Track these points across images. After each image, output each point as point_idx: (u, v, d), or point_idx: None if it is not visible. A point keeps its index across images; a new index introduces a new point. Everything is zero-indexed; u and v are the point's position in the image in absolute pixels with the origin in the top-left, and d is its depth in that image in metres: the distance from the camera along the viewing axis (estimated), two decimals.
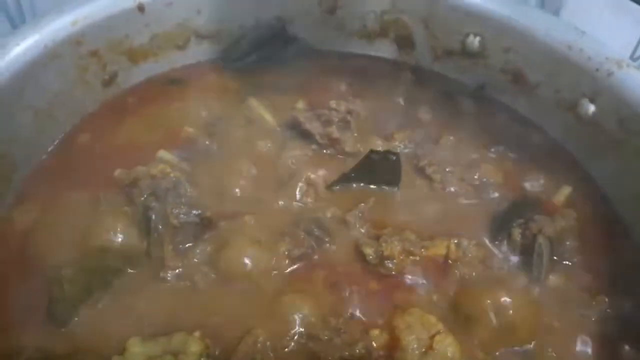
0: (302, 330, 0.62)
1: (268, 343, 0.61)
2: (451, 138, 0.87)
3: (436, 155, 0.84)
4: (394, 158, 0.78)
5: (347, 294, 0.67)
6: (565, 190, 0.81)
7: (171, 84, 0.94)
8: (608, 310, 0.68)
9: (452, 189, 0.80)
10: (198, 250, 0.68)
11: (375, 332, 0.63)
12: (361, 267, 0.70)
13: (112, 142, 0.83)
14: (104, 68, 0.87)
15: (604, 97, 0.81)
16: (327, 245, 0.72)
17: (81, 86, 0.84)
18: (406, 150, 0.85)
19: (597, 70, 0.81)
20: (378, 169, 0.78)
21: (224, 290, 0.66)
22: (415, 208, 0.78)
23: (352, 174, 0.78)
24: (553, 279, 0.70)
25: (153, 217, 0.68)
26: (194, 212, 0.70)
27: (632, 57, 0.97)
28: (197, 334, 0.60)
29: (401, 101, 0.95)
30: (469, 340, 0.63)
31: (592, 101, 0.83)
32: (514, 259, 0.72)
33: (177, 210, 0.69)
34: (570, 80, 0.85)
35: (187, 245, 0.68)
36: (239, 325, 0.63)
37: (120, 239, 0.68)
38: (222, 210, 0.73)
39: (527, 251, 0.72)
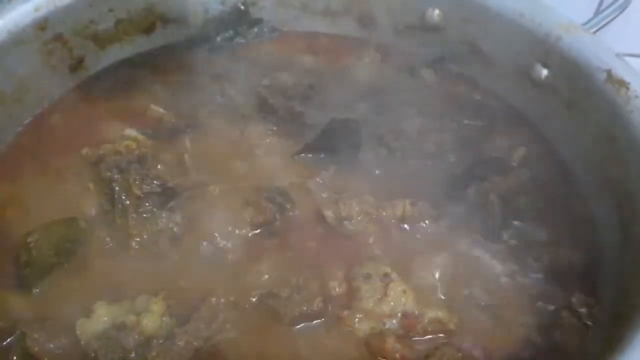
0: (264, 290, 0.65)
1: (231, 300, 0.63)
2: (411, 108, 0.90)
3: (396, 124, 0.86)
4: (355, 125, 0.80)
5: (307, 254, 0.69)
6: (520, 152, 0.83)
7: (138, 67, 0.96)
8: (559, 261, 0.71)
9: (411, 156, 0.82)
10: (162, 219, 0.71)
11: (334, 283, 0.65)
12: (321, 229, 0.73)
13: (81, 123, 0.85)
14: (70, 53, 0.88)
15: (554, 61, 0.84)
16: (289, 211, 0.74)
17: (48, 71, 0.86)
18: (368, 120, 0.88)
19: (547, 35, 0.84)
20: (339, 137, 0.80)
21: (188, 256, 0.68)
22: (374, 174, 0.80)
23: (314, 143, 0.81)
24: (506, 235, 0.73)
25: (117, 188, 0.71)
26: (156, 182, 0.72)
27: (598, 11, 0.98)
28: (160, 296, 0.62)
29: (363, 75, 0.97)
30: (422, 287, 0.66)
31: (544, 66, 0.86)
32: (469, 217, 0.75)
33: (139, 182, 0.71)
34: (524, 47, 0.88)
35: (151, 214, 0.71)
36: (202, 288, 0.65)
37: (86, 210, 0.70)
38: (187, 181, 0.75)
39: (481, 209, 0.75)
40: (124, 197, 0.71)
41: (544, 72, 0.86)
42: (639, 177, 0.68)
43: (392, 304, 0.63)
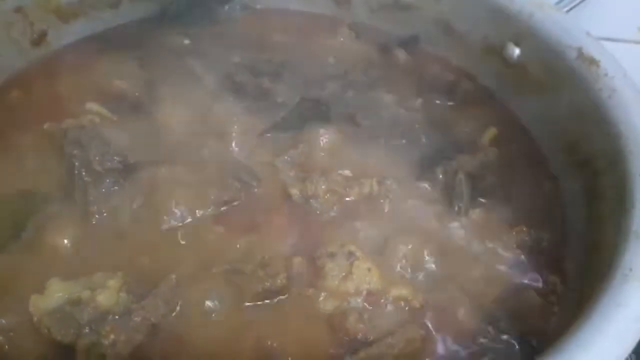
0: (228, 266, 0.64)
1: (192, 277, 0.62)
2: (384, 88, 0.88)
3: (367, 103, 0.85)
4: (324, 107, 0.79)
5: (272, 232, 0.68)
6: (491, 132, 0.83)
7: (104, 42, 0.94)
8: (526, 239, 0.70)
9: (381, 135, 0.81)
10: (123, 196, 0.69)
11: (298, 259, 0.64)
12: (288, 207, 0.71)
13: (43, 98, 0.82)
14: (31, 26, 0.86)
15: (526, 39, 0.84)
16: (255, 189, 0.73)
17: (8, 44, 0.84)
18: (339, 99, 0.86)
19: (519, 12, 0.83)
20: (307, 116, 0.79)
21: (148, 234, 0.66)
22: (343, 153, 0.79)
23: (283, 122, 0.79)
24: (474, 213, 0.72)
25: (76, 163, 0.68)
26: (117, 158, 0.70)
27: None
28: (119, 274, 0.61)
29: (337, 54, 0.96)
30: (387, 264, 0.65)
31: (516, 44, 0.85)
32: (437, 195, 0.74)
33: (100, 157, 0.69)
34: (496, 26, 0.87)
35: (111, 190, 0.69)
36: (163, 265, 0.63)
37: (44, 185, 0.69)
38: (151, 158, 0.74)
39: (449, 188, 0.74)
40: (84, 173, 0.69)
41: (516, 51, 0.85)
42: (606, 154, 0.68)
43: (356, 282, 0.62)
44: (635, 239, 0.54)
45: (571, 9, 0.90)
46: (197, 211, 0.69)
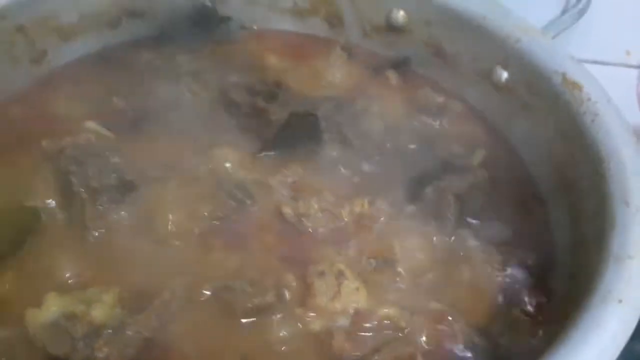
0: (219, 283, 0.65)
1: (185, 293, 0.63)
2: (375, 109, 0.91)
3: (359, 124, 0.87)
4: (313, 119, 0.81)
5: (264, 249, 0.70)
6: (479, 154, 0.85)
7: (104, 62, 0.96)
8: (513, 259, 0.72)
9: (372, 155, 0.83)
10: (120, 212, 0.70)
11: (288, 276, 0.66)
12: (280, 226, 0.73)
13: (42, 116, 0.84)
14: (32, 45, 0.88)
15: (514, 63, 0.86)
16: (249, 207, 0.74)
17: (9, 62, 0.85)
18: (332, 119, 0.88)
19: (507, 37, 0.86)
20: (298, 132, 0.81)
21: (144, 250, 0.68)
22: (335, 172, 0.80)
23: (274, 139, 0.81)
24: (462, 234, 0.74)
25: (74, 180, 0.70)
26: (114, 175, 0.71)
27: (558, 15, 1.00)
28: (114, 289, 0.62)
29: (330, 75, 0.98)
30: (375, 284, 0.67)
31: (504, 68, 0.88)
32: (425, 216, 0.76)
33: (97, 175, 0.70)
34: (485, 50, 0.90)
35: (109, 207, 0.70)
36: (157, 281, 0.64)
37: (42, 202, 0.70)
38: (146, 175, 0.75)
39: (438, 209, 0.76)
40: (81, 189, 0.70)
41: (504, 74, 0.88)
42: (589, 177, 0.70)
43: (344, 301, 0.63)
44: (615, 261, 0.56)
45: (559, 33, 0.92)
46: (191, 228, 0.70)
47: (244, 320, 0.63)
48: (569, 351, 0.49)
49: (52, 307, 0.59)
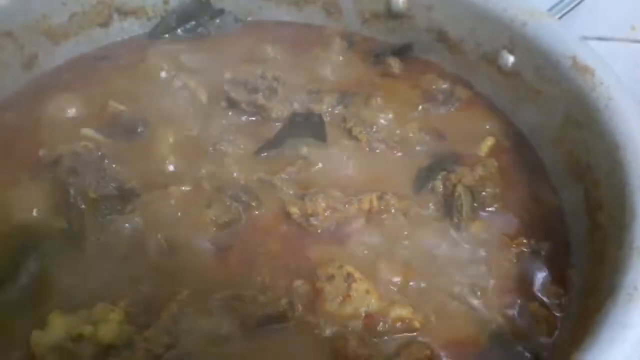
0: (229, 292, 0.63)
1: (192, 307, 0.61)
2: (379, 99, 0.88)
3: (363, 116, 0.85)
4: (317, 119, 0.78)
5: (273, 253, 0.68)
6: (489, 142, 0.82)
7: (97, 62, 0.93)
8: (527, 250, 0.70)
9: (378, 148, 0.81)
10: (121, 222, 0.68)
11: (298, 282, 0.64)
12: (287, 227, 0.71)
13: (36, 122, 0.81)
14: (21, 49, 0.85)
15: (520, 47, 0.83)
16: (255, 209, 0.72)
17: None
18: (335, 112, 0.86)
19: (512, 21, 0.83)
20: (302, 131, 0.78)
21: (149, 260, 0.66)
22: (341, 168, 0.78)
23: (278, 139, 0.79)
24: (474, 226, 0.72)
25: (71, 191, 0.68)
26: (113, 184, 0.69)
27: None
28: (121, 304, 0.60)
29: (331, 66, 0.95)
30: (387, 284, 0.65)
31: (510, 52, 0.85)
32: (437, 209, 0.74)
33: (95, 184, 0.68)
34: (489, 34, 0.87)
35: (109, 217, 0.68)
36: (164, 292, 0.63)
37: (40, 216, 0.68)
38: (147, 182, 0.73)
39: (448, 201, 0.73)
40: (79, 200, 0.68)
41: (511, 58, 0.85)
42: (604, 165, 0.68)
43: (355, 304, 0.61)
44: (638, 255, 0.53)
45: (565, 13, 0.89)
46: (196, 235, 0.68)
47: (257, 330, 0.61)
48: (595, 355, 0.47)
49: (57, 328, 0.57)
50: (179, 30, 0.99)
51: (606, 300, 0.51)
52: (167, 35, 0.98)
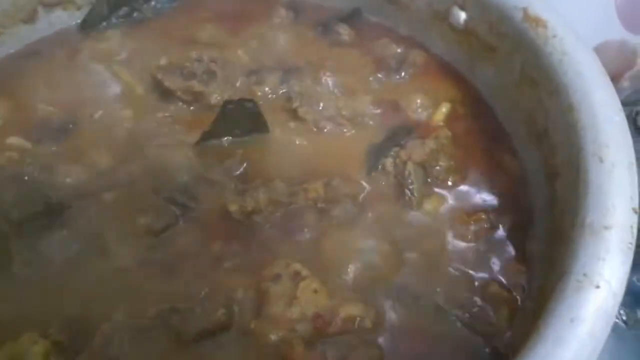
0: (164, 306, 0.59)
1: (128, 324, 0.57)
2: (328, 72, 0.82)
3: (310, 93, 0.79)
4: (251, 105, 0.72)
5: (212, 259, 0.63)
6: (443, 108, 0.77)
7: (24, 62, 0.87)
8: (486, 226, 0.65)
9: (327, 128, 0.75)
10: (50, 240, 0.64)
11: (239, 290, 0.60)
12: (228, 227, 0.66)
13: None
14: None
15: (471, 1, 0.77)
16: (193, 210, 0.67)
17: None
18: (280, 92, 0.80)
19: None
20: (238, 119, 0.73)
21: (79, 279, 0.62)
22: (287, 155, 0.73)
23: (213, 130, 0.73)
24: (428, 204, 0.67)
25: None
26: (38, 200, 0.65)
27: None
28: (50, 330, 0.56)
29: (275, 40, 0.89)
30: (337, 280, 0.60)
31: (461, 8, 0.79)
32: (388, 190, 0.69)
33: (17, 203, 0.64)
34: None
35: (36, 237, 0.64)
36: (96, 314, 0.58)
37: None
38: (78, 189, 0.68)
39: (400, 181, 0.68)
40: (2, 222, 0.63)
41: (462, 15, 0.79)
42: (559, 125, 0.62)
43: (302, 306, 0.57)
44: (591, 234, 0.48)
45: None
46: (128, 245, 0.64)
47: (195, 345, 0.57)
48: (542, 352, 0.43)
49: None
50: (112, 18, 0.92)
51: (554, 288, 0.47)
52: (100, 25, 0.91)
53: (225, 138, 0.74)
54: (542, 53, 0.66)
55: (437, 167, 0.69)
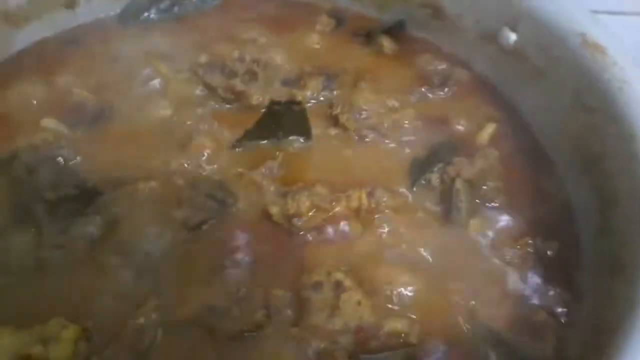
0: (200, 304, 0.56)
1: (160, 320, 0.55)
2: (370, 82, 0.81)
3: (352, 101, 0.77)
4: (298, 108, 0.71)
5: (251, 258, 0.61)
6: (489, 128, 0.75)
7: (61, 47, 0.85)
8: (532, 251, 0.63)
9: (368, 137, 0.74)
10: (82, 226, 0.61)
11: (279, 292, 0.57)
12: (268, 229, 0.64)
13: None
14: None
15: (523, 24, 0.76)
16: (232, 208, 0.65)
17: None
18: (321, 98, 0.79)
19: None
20: (283, 121, 0.71)
21: (112, 269, 0.59)
22: (327, 160, 0.71)
23: (256, 130, 0.71)
24: (474, 224, 0.65)
25: (26, 192, 0.61)
26: (73, 183, 0.62)
27: None
28: (79, 318, 0.54)
29: (317, 46, 0.88)
30: (380, 293, 0.58)
31: (512, 29, 0.78)
32: (434, 206, 0.67)
33: (52, 184, 0.61)
34: (489, 9, 0.80)
35: (68, 221, 0.61)
36: (128, 306, 0.56)
37: None
38: (112, 178, 0.66)
39: (446, 197, 0.67)
40: (35, 203, 0.61)
41: (512, 36, 0.78)
42: (619, 154, 0.61)
43: (345, 318, 0.55)
44: None
45: None
46: (165, 238, 0.61)
47: (231, 345, 0.54)
48: None
49: (4, 348, 0.50)
50: (152, 11, 0.90)
51: (625, 316, 0.45)
52: (139, 17, 0.90)
53: (266, 140, 0.72)
54: (600, 80, 0.65)
55: (485, 187, 0.68)
